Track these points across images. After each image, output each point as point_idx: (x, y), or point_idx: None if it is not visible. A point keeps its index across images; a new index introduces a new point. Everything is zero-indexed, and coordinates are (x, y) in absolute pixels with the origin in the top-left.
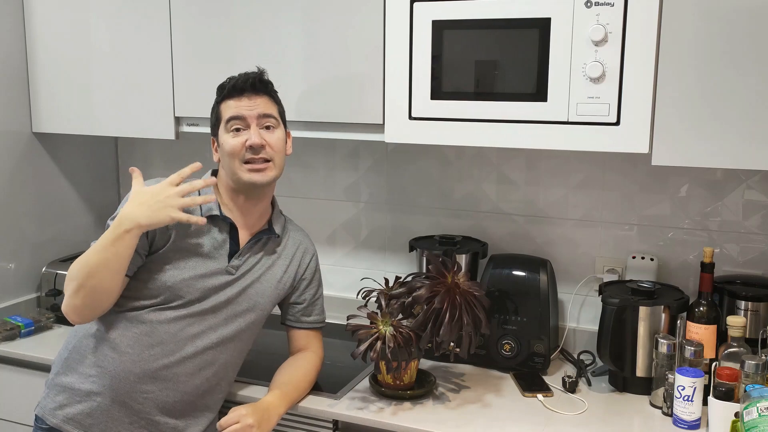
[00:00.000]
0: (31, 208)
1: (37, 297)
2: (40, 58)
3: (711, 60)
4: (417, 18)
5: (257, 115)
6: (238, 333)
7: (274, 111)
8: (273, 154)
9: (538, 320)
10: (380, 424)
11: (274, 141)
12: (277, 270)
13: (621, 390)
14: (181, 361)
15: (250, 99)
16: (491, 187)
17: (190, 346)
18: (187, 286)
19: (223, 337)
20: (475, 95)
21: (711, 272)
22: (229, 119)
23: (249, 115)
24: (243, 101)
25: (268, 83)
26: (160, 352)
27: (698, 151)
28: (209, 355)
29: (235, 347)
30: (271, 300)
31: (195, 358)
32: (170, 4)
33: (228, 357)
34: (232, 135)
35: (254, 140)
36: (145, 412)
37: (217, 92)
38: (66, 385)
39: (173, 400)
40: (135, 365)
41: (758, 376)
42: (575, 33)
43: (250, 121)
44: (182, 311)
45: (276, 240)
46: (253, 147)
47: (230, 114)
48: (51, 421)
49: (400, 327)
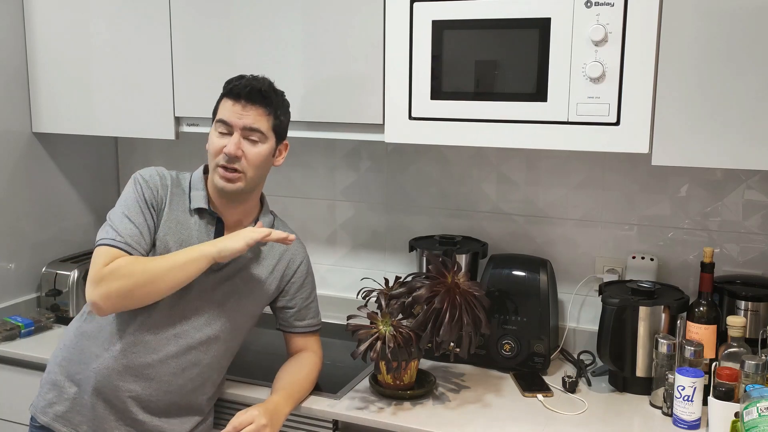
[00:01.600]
0: (31, 208)
1: (37, 297)
2: (40, 58)
3: (711, 60)
4: (417, 18)
5: (243, 125)
6: (222, 333)
7: (263, 125)
8: (246, 168)
9: (538, 320)
10: (380, 424)
11: (252, 155)
12: (263, 270)
13: (621, 390)
14: (163, 360)
15: (243, 107)
16: (491, 187)
17: (172, 344)
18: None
19: (206, 337)
20: (475, 95)
21: (711, 272)
22: (218, 120)
23: (235, 123)
24: (236, 107)
25: (267, 96)
26: (142, 350)
27: (698, 151)
28: (192, 355)
29: (219, 348)
30: (256, 301)
31: (178, 357)
32: (170, 4)
33: (212, 358)
34: (217, 135)
35: (229, 149)
36: (128, 411)
37: (224, 85)
38: (55, 383)
39: (156, 399)
40: (117, 363)
41: (758, 376)
42: (575, 33)
43: (235, 129)
44: (165, 312)
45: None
46: (228, 155)
47: (221, 116)
48: (42, 419)
49: (400, 327)
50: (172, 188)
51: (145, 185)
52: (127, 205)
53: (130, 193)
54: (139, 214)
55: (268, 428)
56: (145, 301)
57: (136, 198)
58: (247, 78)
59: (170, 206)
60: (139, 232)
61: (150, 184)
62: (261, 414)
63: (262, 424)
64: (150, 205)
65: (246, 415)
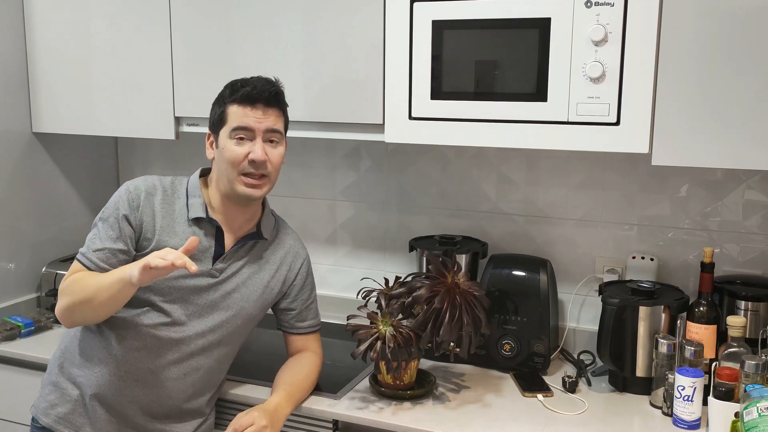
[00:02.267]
0: (31, 208)
1: (37, 297)
2: (40, 58)
3: (711, 60)
4: (417, 18)
5: (265, 129)
6: (224, 338)
7: (281, 126)
8: (271, 171)
9: (538, 320)
10: (380, 424)
11: (275, 157)
12: (265, 275)
13: (621, 390)
14: (166, 366)
15: (263, 112)
16: (491, 187)
17: (175, 351)
18: (168, 287)
19: (208, 343)
20: (475, 95)
21: (711, 272)
22: (237, 128)
23: (257, 128)
24: (255, 112)
25: (282, 96)
26: (145, 356)
27: (698, 151)
28: (195, 360)
29: (220, 352)
30: (258, 305)
31: (180, 363)
32: (170, 5)
33: (214, 362)
34: (236, 143)
35: (258, 156)
36: (131, 415)
37: (228, 91)
38: (57, 385)
39: (158, 404)
40: (120, 368)
41: (758, 376)
42: (575, 33)
43: (257, 135)
44: (166, 318)
45: (264, 243)
46: (255, 161)
47: (238, 123)
48: (44, 421)
49: (400, 327)
50: (163, 198)
51: (127, 196)
52: (102, 216)
53: (111, 202)
54: (109, 227)
55: (269, 429)
56: (88, 319)
57: (112, 210)
58: (254, 80)
59: (164, 216)
60: (109, 248)
61: (132, 196)
62: (261, 415)
63: (262, 425)
64: (123, 219)
65: (247, 416)
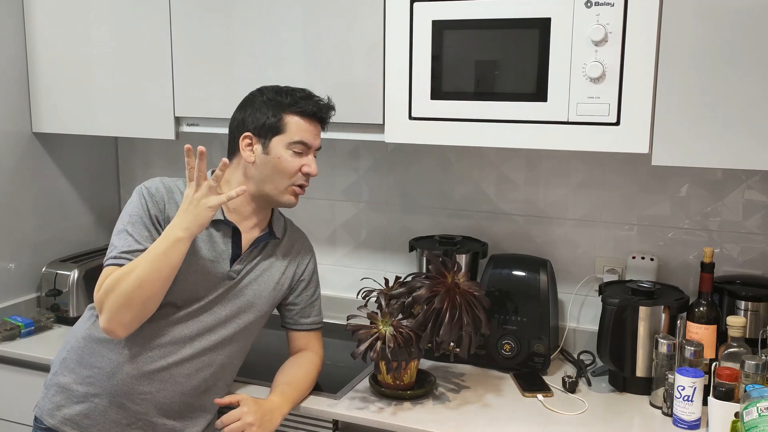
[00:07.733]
0: (31, 208)
1: (37, 297)
2: (40, 58)
3: (711, 60)
4: (417, 18)
5: (317, 146)
6: (236, 334)
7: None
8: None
9: (538, 320)
10: (380, 424)
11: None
12: (275, 272)
13: (621, 390)
14: (178, 363)
15: (318, 129)
16: (491, 187)
17: (188, 347)
18: (186, 290)
19: (221, 339)
20: (475, 95)
21: (711, 272)
22: (298, 141)
23: (314, 143)
24: (313, 128)
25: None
26: (158, 353)
27: (698, 151)
28: (207, 356)
29: (233, 349)
30: (269, 301)
31: (193, 359)
32: (170, 4)
33: (226, 358)
34: (292, 155)
35: (314, 170)
36: (142, 413)
37: (288, 100)
38: (63, 386)
39: (171, 401)
40: (132, 366)
41: (758, 376)
42: (575, 33)
43: (312, 150)
44: (180, 313)
45: (275, 242)
46: (310, 175)
47: (301, 137)
48: (49, 422)
49: (400, 327)
50: (179, 199)
51: (150, 199)
52: (130, 221)
53: (134, 207)
54: (142, 228)
55: (255, 427)
56: (151, 305)
57: (139, 213)
58: (313, 96)
59: None
60: (140, 245)
61: (156, 198)
62: (249, 413)
63: (248, 422)
64: (154, 219)
65: (235, 412)
